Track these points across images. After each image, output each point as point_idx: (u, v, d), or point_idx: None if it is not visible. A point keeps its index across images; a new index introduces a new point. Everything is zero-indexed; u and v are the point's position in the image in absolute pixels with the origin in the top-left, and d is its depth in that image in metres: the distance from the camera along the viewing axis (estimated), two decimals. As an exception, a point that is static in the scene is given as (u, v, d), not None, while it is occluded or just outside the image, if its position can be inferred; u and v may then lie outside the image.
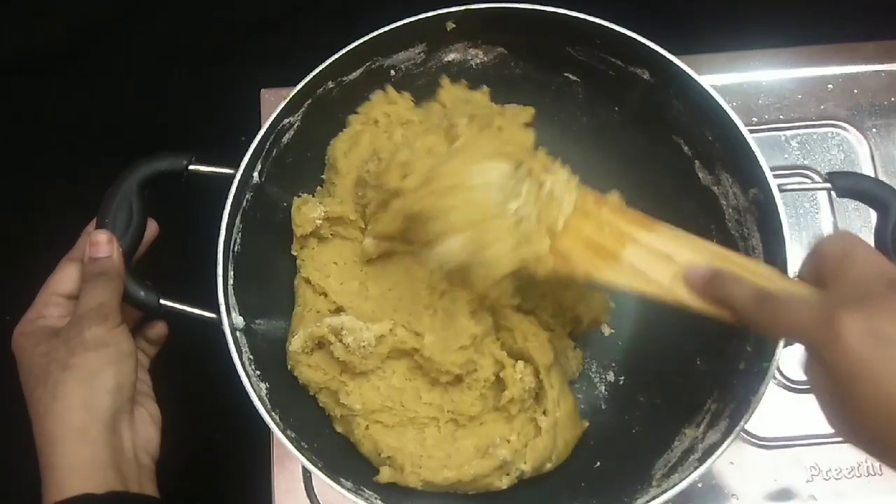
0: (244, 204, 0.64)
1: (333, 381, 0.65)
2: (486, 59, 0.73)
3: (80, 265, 0.60)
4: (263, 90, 0.84)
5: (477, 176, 0.57)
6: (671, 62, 0.65)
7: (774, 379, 0.74)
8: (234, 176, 0.62)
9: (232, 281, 0.62)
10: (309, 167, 0.71)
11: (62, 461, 0.55)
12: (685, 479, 0.58)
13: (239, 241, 0.63)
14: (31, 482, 0.56)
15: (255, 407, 0.58)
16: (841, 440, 0.72)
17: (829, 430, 0.73)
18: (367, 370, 0.64)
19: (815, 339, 0.41)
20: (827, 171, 0.81)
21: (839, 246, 0.45)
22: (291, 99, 0.65)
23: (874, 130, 0.82)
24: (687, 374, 0.68)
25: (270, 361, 0.64)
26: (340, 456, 0.64)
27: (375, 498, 0.60)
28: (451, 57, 0.72)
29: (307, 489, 0.72)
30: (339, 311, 0.67)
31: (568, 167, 0.60)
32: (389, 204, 0.62)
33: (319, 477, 0.58)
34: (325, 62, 0.66)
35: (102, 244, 0.59)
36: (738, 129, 0.63)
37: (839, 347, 0.39)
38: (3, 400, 0.66)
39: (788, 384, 0.75)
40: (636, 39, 0.65)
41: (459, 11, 0.67)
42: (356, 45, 0.66)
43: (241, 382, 0.58)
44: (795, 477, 0.72)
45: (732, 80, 0.84)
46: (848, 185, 0.63)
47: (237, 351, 0.59)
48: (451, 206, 0.57)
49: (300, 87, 0.65)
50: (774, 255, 0.62)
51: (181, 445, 0.64)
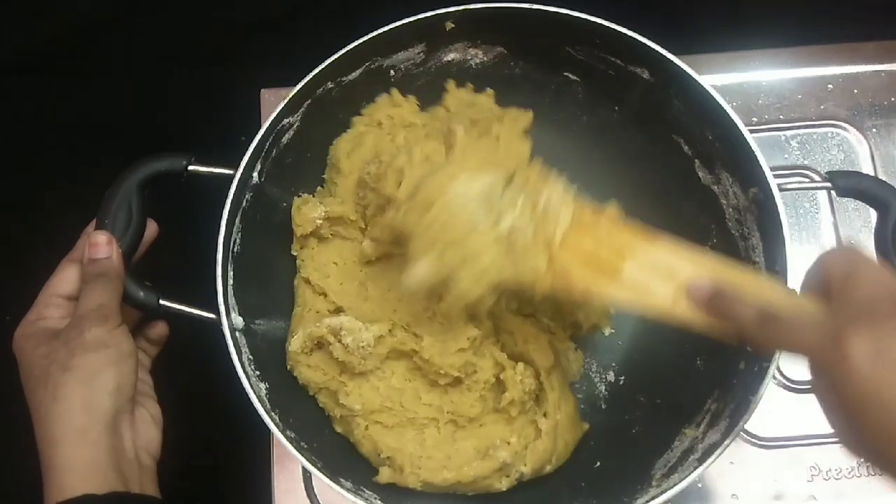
0: (244, 204, 0.64)
1: (333, 381, 0.65)
2: (485, 58, 0.73)
3: (79, 266, 0.60)
4: (263, 90, 0.84)
5: (457, 190, 0.56)
6: (671, 62, 0.65)
7: (774, 379, 0.74)
8: (233, 176, 0.62)
9: (231, 281, 0.62)
10: (309, 167, 0.71)
11: (63, 462, 0.55)
12: (685, 479, 0.58)
13: (238, 241, 0.64)
14: (31, 482, 0.56)
15: (254, 407, 0.58)
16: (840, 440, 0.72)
17: (829, 430, 0.73)
18: (366, 371, 0.64)
19: (821, 358, 0.42)
20: (827, 170, 0.81)
21: (845, 263, 0.45)
22: (291, 99, 0.65)
23: (874, 130, 0.82)
24: (687, 374, 0.68)
25: (270, 362, 0.64)
26: (340, 456, 0.64)
27: (375, 498, 0.60)
28: (450, 57, 0.72)
29: (307, 489, 0.72)
30: (338, 311, 0.67)
31: (564, 178, 0.58)
32: (385, 210, 0.63)
33: (319, 477, 0.58)
34: (324, 62, 0.66)
35: (102, 245, 0.59)
36: (738, 128, 0.63)
37: (846, 368, 0.39)
38: (3, 400, 0.66)
39: (788, 384, 0.75)
40: (636, 39, 0.65)
41: (458, 11, 0.67)
42: (356, 45, 0.66)
43: (240, 382, 0.58)
44: (795, 477, 0.72)
45: (732, 80, 0.84)
46: (848, 184, 0.63)
47: (237, 351, 0.59)
48: (428, 222, 0.56)
49: (300, 87, 0.65)
50: (774, 254, 0.62)
51: (181, 445, 0.64)
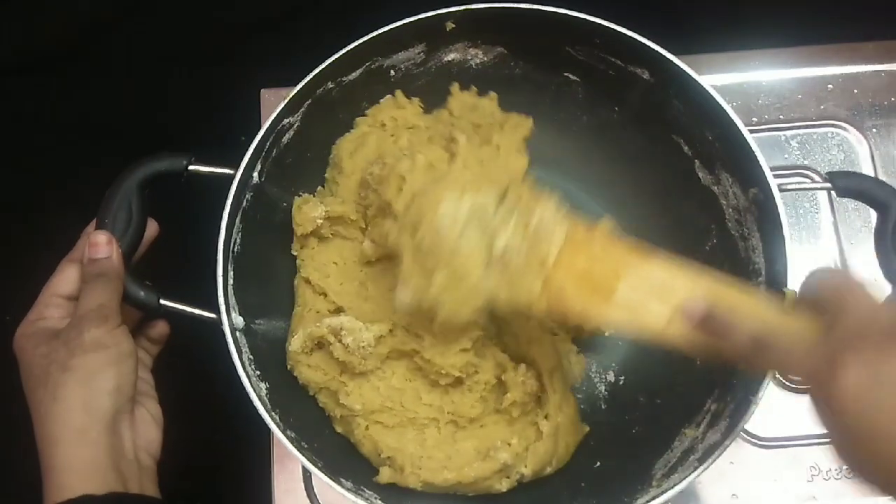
0: (244, 204, 0.64)
1: (333, 381, 0.65)
2: (485, 59, 0.73)
3: (79, 266, 0.60)
4: (263, 90, 0.84)
5: (443, 211, 0.55)
6: (671, 62, 0.65)
7: (774, 379, 0.74)
8: (233, 176, 0.62)
9: (232, 281, 0.62)
10: (309, 167, 0.71)
11: (62, 462, 0.55)
12: (685, 479, 0.58)
13: (239, 241, 0.63)
14: (31, 482, 0.56)
15: (255, 407, 0.58)
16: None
17: (828, 429, 0.73)
18: (366, 371, 0.64)
19: (815, 382, 0.43)
20: (827, 170, 0.81)
21: (835, 288, 0.46)
22: (291, 99, 0.65)
23: (874, 130, 0.82)
24: (687, 374, 0.68)
25: (270, 361, 0.64)
26: (340, 456, 0.64)
27: (375, 498, 0.60)
28: (450, 57, 0.72)
29: (307, 489, 0.72)
30: (338, 311, 0.67)
31: (556, 195, 0.57)
32: (384, 212, 0.63)
33: (320, 477, 0.57)
34: (325, 62, 0.65)
35: (102, 245, 0.58)
36: (737, 128, 0.63)
37: (839, 394, 0.40)
38: (3, 400, 0.65)
39: (788, 384, 0.75)
40: (636, 39, 0.65)
41: (459, 11, 0.67)
42: (356, 45, 0.66)
43: (241, 382, 0.58)
44: (795, 477, 0.72)
45: (732, 80, 0.84)
46: (848, 185, 0.63)
47: (237, 351, 0.59)
48: (416, 244, 0.56)
49: (300, 87, 0.65)
50: (775, 254, 0.62)
51: (181, 445, 0.63)
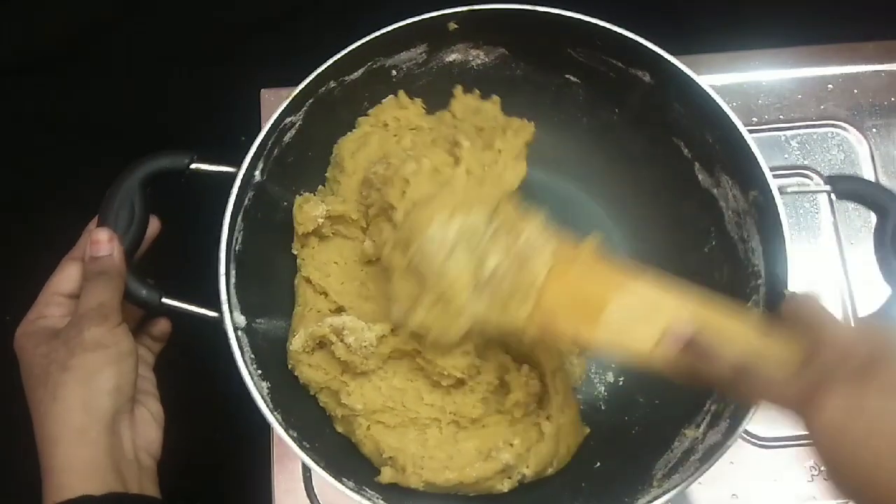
0: (246, 203, 0.64)
1: (334, 380, 0.65)
2: (486, 59, 0.73)
3: (81, 264, 0.59)
4: (263, 90, 0.84)
5: (431, 233, 0.55)
6: (671, 64, 0.65)
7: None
8: (235, 175, 0.62)
9: (233, 280, 0.62)
10: (310, 166, 0.71)
11: (62, 462, 0.54)
12: (686, 479, 0.58)
13: (240, 239, 0.63)
14: (31, 482, 0.56)
15: (256, 406, 0.58)
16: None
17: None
18: (368, 370, 0.64)
19: (796, 413, 0.44)
20: (827, 170, 0.81)
21: (813, 317, 0.47)
22: (294, 98, 0.65)
23: (874, 130, 0.82)
24: (687, 374, 0.68)
25: (271, 361, 0.64)
26: (342, 456, 0.64)
27: (377, 497, 0.59)
28: (452, 57, 0.72)
29: (307, 489, 0.72)
30: (339, 310, 0.67)
31: (543, 214, 0.57)
32: (387, 213, 0.63)
33: (322, 476, 0.57)
34: (327, 62, 0.65)
35: (103, 243, 0.58)
36: (738, 130, 0.63)
37: (820, 425, 0.42)
38: (3, 400, 0.65)
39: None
40: (637, 41, 0.65)
41: (462, 12, 0.67)
42: (358, 44, 0.66)
43: (241, 382, 0.58)
44: (795, 477, 0.72)
45: (732, 80, 0.84)
46: (848, 188, 0.63)
47: (239, 350, 0.59)
48: (405, 264, 0.57)
49: (302, 86, 0.65)
50: (774, 257, 0.62)
51: (181, 444, 0.63)
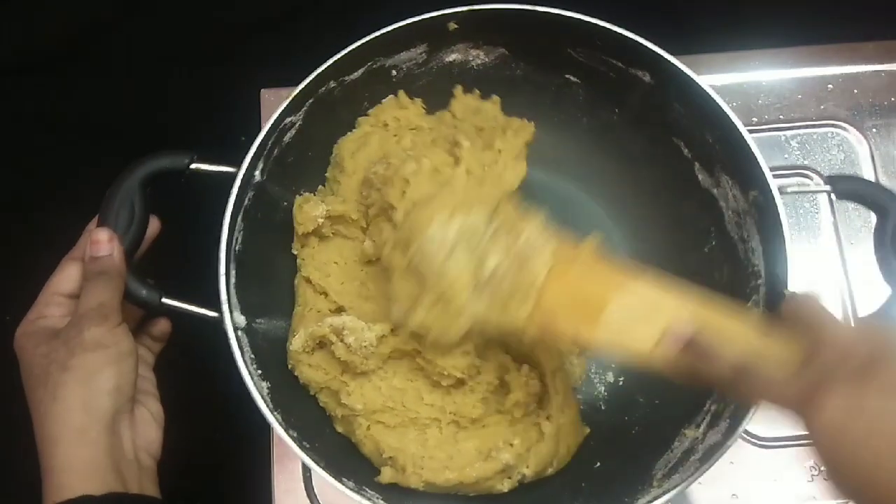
0: (246, 202, 0.64)
1: (334, 381, 0.65)
2: (486, 59, 0.73)
3: (81, 264, 0.59)
4: (263, 90, 0.84)
5: (430, 234, 0.55)
6: (672, 64, 0.65)
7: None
8: (236, 175, 0.62)
9: (234, 280, 0.62)
10: (310, 166, 0.71)
11: (61, 462, 0.54)
12: (686, 479, 0.58)
13: (240, 239, 0.63)
14: (31, 482, 0.56)
15: (256, 406, 0.58)
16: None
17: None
18: (368, 370, 0.64)
19: (796, 413, 0.44)
20: (827, 170, 0.81)
21: (813, 317, 0.47)
22: (294, 98, 0.65)
23: (874, 130, 0.82)
24: (686, 374, 0.68)
25: (271, 361, 0.64)
26: (342, 456, 0.64)
27: (377, 497, 0.59)
28: (452, 57, 0.72)
29: (307, 489, 0.72)
30: (339, 310, 0.67)
31: (542, 214, 0.57)
32: (387, 213, 0.63)
33: (323, 476, 0.57)
34: (327, 61, 0.65)
35: (103, 243, 0.58)
36: (738, 130, 0.63)
37: (819, 426, 0.42)
38: (3, 400, 0.65)
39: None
40: (637, 41, 0.65)
41: (462, 12, 0.67)
42: (359, 44, 0.66)
43: (241, 382, 0.58)
44: (795, 477, 0.72)
45: (732, 80, 0.84)
46: (848, 189, 0.63)
47: (239, 350, 0.59)
48: (405, 265, 0.56)
49: (302, 86, 0.65)
50: (774, 257, 0.62)
51: (181, 444, 0.63)
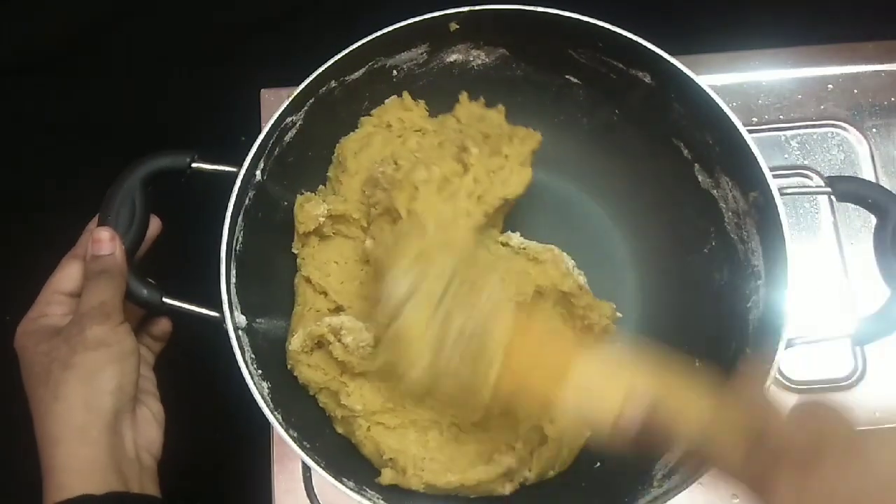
0: (246, 202, 0.64)
1: (334, 381, 0.65)
2: (487, 60, 0.73)
3: (82, 263, 0.59)
4: (263, 90, 0.84)
5: (393, 277, 0.54)
6: (671, 64, 0.65)
7: (775, 379, 0.74)
8: (236, 174, 0.62)
9: (234, 279, 0.62)
10: (310, 166, 0.71)
11: (62, 461, 0.54)
12: (686, 479, 0.57)
13: (241, 239, 0.63)
14: (31, 482, 0.56)
15: (256, 406, 0.58)
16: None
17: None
18: (365, 371, 0.64)
19: (752, 490, 0.44)
20: (827, 170, 0.81)
21: (756, 405, 0.46)
22: (295, 97, 0.65)
23: (874, 130, 0.82)
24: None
25: (272, 361, 0.64)
26: (342, 456, 0.64)
27: (377, 497, 0.59)
28: (453, 58, 0.72)
29: (307, 489, 0.72)
30: (338, 310, 0.67)
31: (498, 275, 0.55)
32: (391, 215, 0.63)
33: (323, 476, 0.57)
34: (328, 61, 0.65)
35: (105, 241, 0.58)
36: (738, 131, 0.63)
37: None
38: (3, 400, 0.65)
39: (789, 384, 0.75)
40: (638, 43, 0.65)
41: (463, 12, 0.67)
42: (360, 44, 0.66)
43: (241, 382, 0.58)
44: (796, 477, 0.72)
45: (732, 80, 0.84)
46: (848, 189, 0.63)
47: (240, 350, 0.59)
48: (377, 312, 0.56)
49: (303, 85, 0.65)
50: (774, 257, 0.62)
51: (181, 445, 0.63)
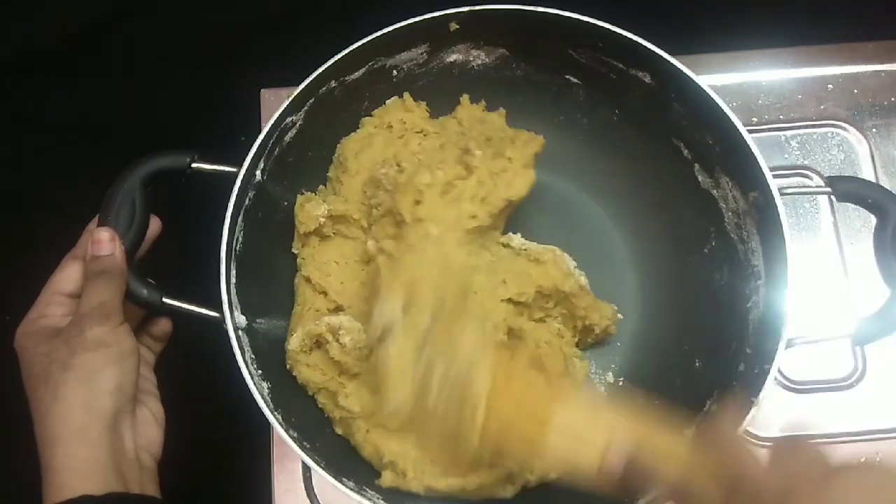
0: (246, 202, 0.64)
1: (332, 381, 0.65)
2: (487, 60, 0.73)
3: (82, 263, 0.59)
4: (263, 90, 0.84)
5: (380, 309, 0.55)
6: (671, 64, 0.65)
7: (775, 379, 0.74)
8: (236, 174, 0.62)
9: (234, 280, 0.62)
10: (310, 166, 0.71)
11: (62, 462, 0.54)
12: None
13: (241, 239, 0.63)
14: (31, 482, 0.56)
15: (256, 406, 0.58)
16: (841, 440, 0.72)
17: (829, 430, 0.73)
18: (363, 372, 0.64)
19: None
20: (827, 170, 0.81)
21: (730, 449, 0.46)
22: (295, 97, 0.65)
23: (874, 130, 0.82)
24: (686, 375, 0.68)
25: (271, 361, 0.64)
26: (342, 456, 0.64)
27: (378, 497, 0.59)
28: (453, 58, 0.72)
29: (307, 489, 0.72)
30: (338, 310, 0.67)
31: (476, 321, 0.56)
32: (394, 219, 0.62)
33: (323, 476, 0.57)
34: (328, 61, 0.65)
35: (105, 242, 0.58)
36: (738, 131, 0.63)
37: None
38: (3, 400, 0.65)
39: (789, 384, 0.75)
40: (638, 43, 0.65)
41: (463, 12, 0.67)
42: (360, 44, 0.66)
43: (241, 382, 0.58)
44: (796, 477, 0.72)
45: (732, 80, 0.84)
46: (848, 189, 0.63)
47: (240, 350, 0.59)
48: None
49: (303, 85, 0.65)
50: (774, 257, 0.62)
51: (181, 445, 0.63)
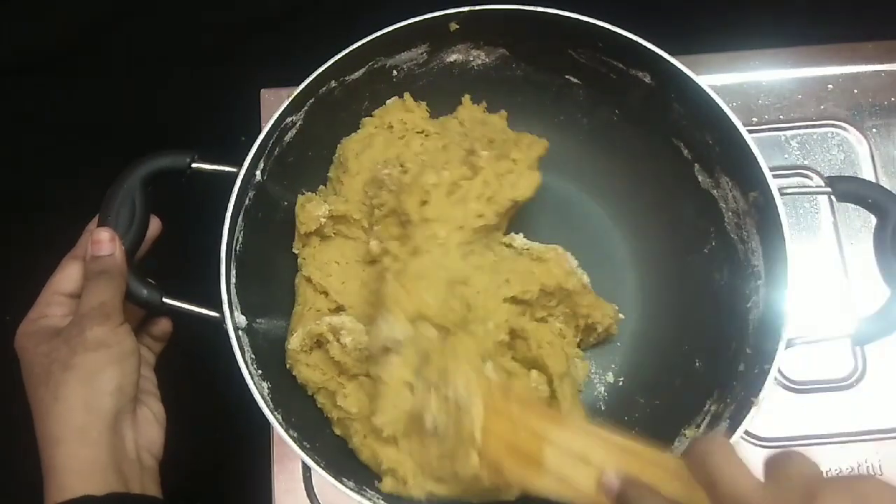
0: (246, 202, 0.64)
1: (331, 381, 0.65)
2: (487, 60, 0.73)
3: (82, 263, 0.59)
4: (263, 90, 0.84)
5: (380, 325, 0.58)
6: (671, 64, 0.65)
7: (775, 379, 0.74)
8: (236, 174, 0.62)
9: (234, 280, 0.62)
10: (310, 166, 0.71)
11: (63, 462, 0.54)
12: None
13: (241, 239, 0.63)
14: (31, 482, 0.56)
15: (256, 406, 0.58)
16: (841, 440, 0.72)
17: (829, 430, 0.73)
18: (362, 373, 0.64)
19: None
20: (827, 170, 0.81)
21: (712, 472, 0.44)
22: (295, 97, 0.65)
23: (874, 130, 0.82)
24: (686, 375, 0.68)
25: (271, 361, 0.64)
26: (342, 456, 0.64)
27: (378, 498, 0.59)
28: (453, 58, 0.72)
29: (307, 489, 0.72)
30: (339, 310, 0.67)
31: (467, 359, 0.56)
32: (399, 220, 0.63)
33: (323, 476, 0.57)
34: (328, 61, 0.65)
35: (105, 242, 0.58)
36: (738, 131, 0.63)
37: None
38: (3, 400, 0.65)
39: (789, 384, 0.75)
40: (638, 43, 0.65)
41: (463, 12, 0.67)
42: (360, 44, 0.66)
43: (241, 382, 0.58)
44: (796, 477, 0.72)
45: (732, 80, 0.84)
46: (848, 189, 0.63)
47: (240, 350, 0.59)
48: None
49: (304, 85, 0.65)
50: (774, 257, 0.62)
51: (181, 445, 0.63)
